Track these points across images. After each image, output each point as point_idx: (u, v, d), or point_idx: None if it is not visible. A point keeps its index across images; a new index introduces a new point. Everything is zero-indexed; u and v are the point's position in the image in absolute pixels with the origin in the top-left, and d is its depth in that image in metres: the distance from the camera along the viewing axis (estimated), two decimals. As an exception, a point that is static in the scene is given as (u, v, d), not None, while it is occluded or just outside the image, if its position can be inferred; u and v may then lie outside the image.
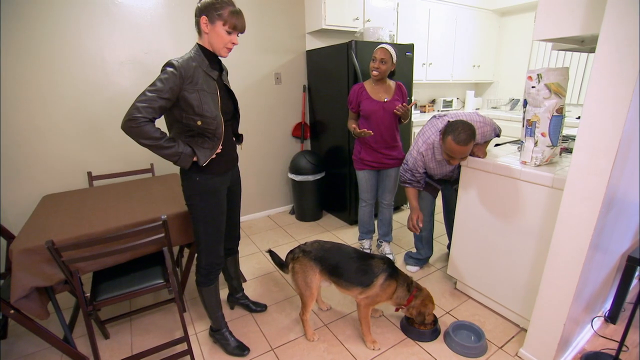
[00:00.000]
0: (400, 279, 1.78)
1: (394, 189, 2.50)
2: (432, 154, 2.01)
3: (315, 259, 1.76)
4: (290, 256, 1.85)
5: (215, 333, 1.82)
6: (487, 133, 1.96)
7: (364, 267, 1.75)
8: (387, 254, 2.61)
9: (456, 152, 1.77)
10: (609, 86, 1.19)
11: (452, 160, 1.85)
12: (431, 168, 2.09)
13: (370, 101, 2.25)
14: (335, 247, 1.83)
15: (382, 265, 1.76)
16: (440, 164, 2.05)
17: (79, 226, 1.67)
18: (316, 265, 1.76)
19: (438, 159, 2.01)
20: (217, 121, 1.45)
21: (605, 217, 1.37)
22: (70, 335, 1.73)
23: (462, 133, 1.73)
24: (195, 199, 1.55)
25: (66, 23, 2.26)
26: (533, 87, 1.63)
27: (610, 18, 1.15)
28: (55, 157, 2.40)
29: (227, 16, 1.37)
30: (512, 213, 1.81)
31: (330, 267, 1.75)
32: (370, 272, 1.74)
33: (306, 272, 1.75)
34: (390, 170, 2.43)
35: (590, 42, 1.66)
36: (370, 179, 2.43)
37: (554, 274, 1.49)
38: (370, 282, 1.72)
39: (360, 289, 1.73)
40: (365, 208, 2.58)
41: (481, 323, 1.94)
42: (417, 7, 3.58)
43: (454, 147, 1.75)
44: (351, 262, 1.76)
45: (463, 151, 1.76)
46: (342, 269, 1.74)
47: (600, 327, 1.88)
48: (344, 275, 1.74)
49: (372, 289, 1.72)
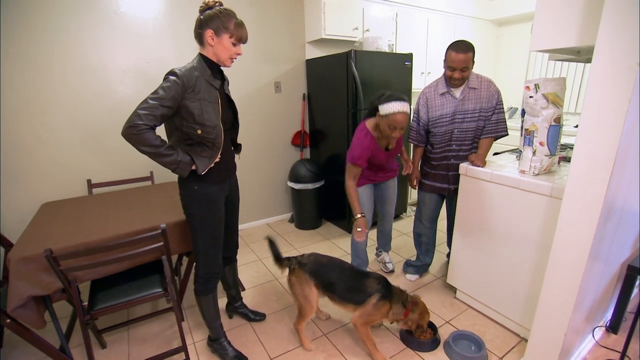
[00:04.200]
0: (395, 298, 1.76)
1: (394, 201, 2.40)
2: (434, 90, 2.08)
3: (310, 273, 1.76)
4: (286, 263, 1.84)
5: (213, 343, 1.80)
6: (494, 96, 1.96)
7: (357, 285, 1.74)
8: (386, 263, 2.60)
9: (457, 62, 1.87)
10: (606, 97, 1.20)
11: (454, 73, 1.91)
12: (435, 107, 2.07)
13: (379, 152, 2.05)
14: (331, 262, 1.82)
15: (376, 285, 1.74)
16: (442, 101, 2.04)
17: (77, 234, 1.66)
18: (311, 278, 1.75)
19: (441, 92, 2.04)
20: (217, 130, 1.45)
21: (604, 226, 1.37)
22: (66, 344, 1.71)
23: (460, 43, 1.88)
24: (193, 207, 1.55)
25: (68, 31, 2.28)
26: (531, 97, 1.64)
27: (605, 30, 1.16)
28: (55, 164, 2.41)
29: (233, 29, 1.40)
30: (511, 222, 1.81)
31: (325, 282, 1.75)
32: (363, 291, 1.72)
33: (302, 285, 1.76)
34: (389, 182, 2.34)
35: (586, 53, 1.68)
36: (370, 195, 2.28)
37: (554, 283, 1.48)
38: (363, 301, 1.71)
39: (354, 306, 1.73)
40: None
41: (481, 333, 1.93)
42: (416, 17, 3.62)
43: (454, 56, 1.87)
44: (345, 280, 1.75)
45: (463, 60, 1.86)
46: (336, 286, 1.74)
47: (602, 337, 1.87)
48: (337, 291, 1.73)
49: (365, 307, 1.71)
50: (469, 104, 1.99)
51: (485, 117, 2.01)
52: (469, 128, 2.03)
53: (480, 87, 1.98)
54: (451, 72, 1.93)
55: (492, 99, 1.98)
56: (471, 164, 1.96)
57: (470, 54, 1.87)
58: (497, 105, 1.99)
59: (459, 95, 2.01)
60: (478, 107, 1.99)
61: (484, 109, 1.99)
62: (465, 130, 2.04)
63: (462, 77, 1.93)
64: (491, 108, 1.99)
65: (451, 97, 2.03)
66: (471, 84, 1.99)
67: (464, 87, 2.00)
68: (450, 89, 2.02)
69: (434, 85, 2.09)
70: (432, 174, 2.22)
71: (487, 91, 1.98)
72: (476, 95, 1.99)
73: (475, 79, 2.00)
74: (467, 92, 1.99)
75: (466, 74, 1.93)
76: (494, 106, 1.99)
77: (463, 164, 2.00)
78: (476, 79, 2.00)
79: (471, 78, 1.99)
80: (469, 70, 1.93)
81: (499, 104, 1.99)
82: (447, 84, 2.03)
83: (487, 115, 2.00)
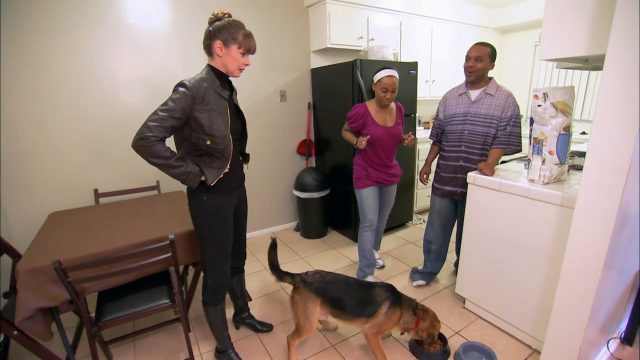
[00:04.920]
0: (405, 304, 1.75)
1: (391, 205, 2.60)
2: (455, 92, 2.19)
3: (316, 291, 1.70)
4: (288, 279, 1.76)
5: (220, 354, 1.78)
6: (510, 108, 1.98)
7: (366, 297, 1.72)
8: (376, 259, 2.72)
9: (471, 51, 2.00)
10: (618, 105, 1.19)
11: (469, 62, 2.00)
12: (450, 106, 2.17)
13: (376, 127, 2.25)
14: (336, 278, 1.79)
15: (384, 293, 1.74)
16: (458, 101, 2.14)
17: (86, 244, 1.66)
18: (317, 297, 1.70)
19: (459, 93, 2.14)
20: (226, 141, 1.45)
21: (619, 236, 1.35)
22: (73, 357, 1.70)
23: (480, 42, 2.04)
24: (202, 218, 1.54)
25: (77, 41, 2.31)
26: (539, 106, 1.64)
27: (616, 38, 1.16)
28: (62, 173, 2.42)
29: (242, 40, 1.41)
30: (520, 231, 1.79)
31: (332, 299, 1.71)
32: (373, 302, 1.71)
33: (306, 303, 1.69)
34: (391, 187, 2.51)
35: (594, 61, 1.67)
36: (375, 195, 2.41)
37: (567, 294, 1.46)
38: (374, 311, 1.70)
39: (365, 319, 1.70)
40: (367, 233, 2.43)
41: (492, 344, 1.89)
42: (420, 25, 3.65)
43: (472, 47, 2.01)
44: (353, 294, 1.73)
45: (478, 49, 1.98)
46: (344, 302, 1.70)
47: (617, 350, 1.83)
48: (346, 307, 1.70)
49: (376, 318, 1.70)
50: (481, 107, 2.02)
51: (498, 126, 2.00)
52: (479, 132, 2.04)
53: (497, 95, 2.00)
54: (467, 62, 2.02)
55: (508, 110, 1.97)
56: (480, 173, 1.95)
57: (486, 48, 1.98)
58: (512, 118, 1.98)
59: (474, 97, 2.05)
60: (490, 113, 2.00)
61: (496, 117, 1.99)
62: (475, 133, 2.05)
63: (475, 67, 1.97)
64: (506, 119, 1.98)
65: (467, 98, 2.09)
66: (489, 90, 2.02)
67: (481, 92, 2.03)
68: (467, 89, 2.09)
69: (456, 88, 2.20)
70: (443, 177, 2.24)
71: (504, 101, 1.98)
72: (491, 101, 2.00)
73: (494, 86, 2.03)
74: (483, 96, 2.03)
75: (480, 66, 1.97)
76: (509, 118, 1.97)
77: (471, 173, 1.99)
78: (495, 87, 2.02)
79: (490, 84, 2.03)
80: (484, 64, 1.97)
81: (514, 117, 1.98)
82: (467, 85, 2.10)
83: (501, 125, 1.99)
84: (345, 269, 2.76)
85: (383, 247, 3.08)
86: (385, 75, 2.14)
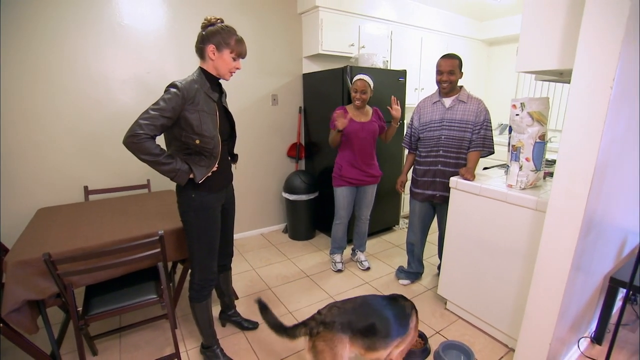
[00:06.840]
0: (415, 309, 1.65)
1: (370, 205, 2.73)
2: (428, 100, 2.32)
3: (342, 329, 1.38)
4: (303, 330, 1.42)
5: (206, 350, 1.81)
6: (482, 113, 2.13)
7: (398, 310, 1.54)
8: (362, 261, 2.85)
9: (443, 65, 2.12)
10: (583, 116, 1.28)
11: (442, 76, 2.13)
12: (426, 114, 2.30)
13: (352, 122, 2.44)
14: (354, 303, 1.50)
15: (405, 302, 1.61)
16: (433, 109, 2.27)
17: (74, 239, 1.68)
18: (345, 334, 1.38)
19: (433, 101, 2.28)
20: (214, 141, 1.51)
21: (585, 239, 1.43)
22: (57, 351, 1.71)
23: (448, 53, 2.18)
24: (190, 215, 1.59)
25: (71, 40, 2.34)
26: (517, 115, 1.72)
27: (582, 54, 1.25)
28: (52, 170, 2.43)
29: (234, 45, 1.47)
30: (499, 234, 1.87)
31: (364, 329, 1.42)
32: (404, 314, 1.55)
33: (334, 348, 1.36)
34: (368, 187, 2.64)
35: (568, 75, 1.76)
36: (347, 195, 2.60)
37: (538, 294, 1.53)
38: (407, 325, 1.55)
39: (399, 339, 1.50)
40: (339, 226, 2.73)
41: (471, 343, 1.96)
42: (410, 35, 3.75)
43: (441, 61, 2.14)
44: (385, 311, 1.50)
45: (449, 64, 2.11)
46: (379, 324, 1.45)
47: (587, 348, 1.91)
48: (381, 331, 1.44)
49: (408, 336, 1.55)
50: (456, 114, 2.16)
51: (473, 130, 2.14)
52: (455, 136, 2.18)
53: (469, 102, 2.15)
54: (439, 75, 2.15)
55: (480, 114, 2.12)
56: (461, 178, 2.03)
57: (455, 60, 2.12)
58: (484, 123, 2.13)
59: (448, 105, 2.19)
60: (465, 119, 2.14)
61: (470, 122, 2.14)
62: (451, 138, 2.19)
63: (449, 80, 2.11)
64: (479, 123, 2.13)
65: (441, 105, 2.22)
66: (461, 97, 2.17)
67: (454, 99, 2.17)
68: (441, 98, 2.22)
69: (429, 97, 2.34)
70: (421, 182, 2.34)
71: (476, 107, 2.14)
72: (464, 108, 2.15)
73: (465, 95, 2.18)
74: (456, 103, 2.17)
75: (453, 78, 2.12)
76: (482, 122, 2.13)
77: (453, 178, 2.07)
78: (467, 96, 2.17)
79: (462, 93, 2.17)
80: (456, 75, 2.13)
81: (486, 122, 2.14)
82: (440, 94, 2.23)
83: (475, 129, 2.14)
84: (331, 271, 2.81)
85: (369, 250, 3.14)
86: (357, 78, 2.41)
